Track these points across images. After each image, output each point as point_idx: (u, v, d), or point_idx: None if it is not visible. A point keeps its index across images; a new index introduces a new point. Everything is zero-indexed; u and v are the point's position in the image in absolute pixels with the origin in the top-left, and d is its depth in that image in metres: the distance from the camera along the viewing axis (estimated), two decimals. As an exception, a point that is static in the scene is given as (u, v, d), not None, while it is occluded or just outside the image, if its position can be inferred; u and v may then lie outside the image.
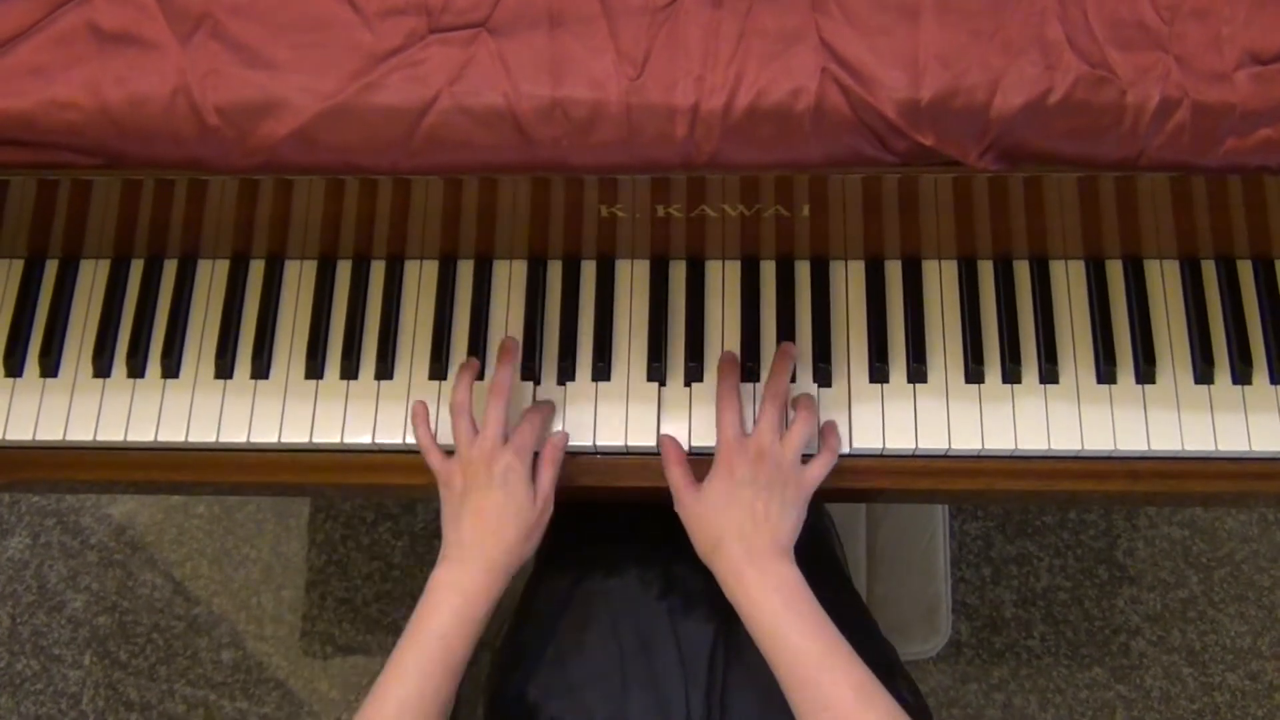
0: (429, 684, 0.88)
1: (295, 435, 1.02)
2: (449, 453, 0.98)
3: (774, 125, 0.81)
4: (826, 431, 0.99)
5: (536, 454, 0.98)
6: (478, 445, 0.95)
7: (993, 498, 1.04)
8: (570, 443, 1.01)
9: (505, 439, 0.95)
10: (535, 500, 0.95)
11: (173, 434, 1.03)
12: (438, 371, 1.03)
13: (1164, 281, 1.04)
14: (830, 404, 1.01)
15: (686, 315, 1.04)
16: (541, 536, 0.97)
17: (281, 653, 1.82)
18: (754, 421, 0.96)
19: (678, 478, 0.96)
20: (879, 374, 1.02)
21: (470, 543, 0.93)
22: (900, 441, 1.00)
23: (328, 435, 1.02)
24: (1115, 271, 1.04)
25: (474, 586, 0.91)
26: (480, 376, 1.03)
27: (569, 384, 1.03)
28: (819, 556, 1.18)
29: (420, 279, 1.07)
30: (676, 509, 0.96)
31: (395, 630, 1.82)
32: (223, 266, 1.08)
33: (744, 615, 0.89)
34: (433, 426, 1.00)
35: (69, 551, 1.89)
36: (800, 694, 0.85)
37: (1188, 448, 0.99)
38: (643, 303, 1.05)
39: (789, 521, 0.92)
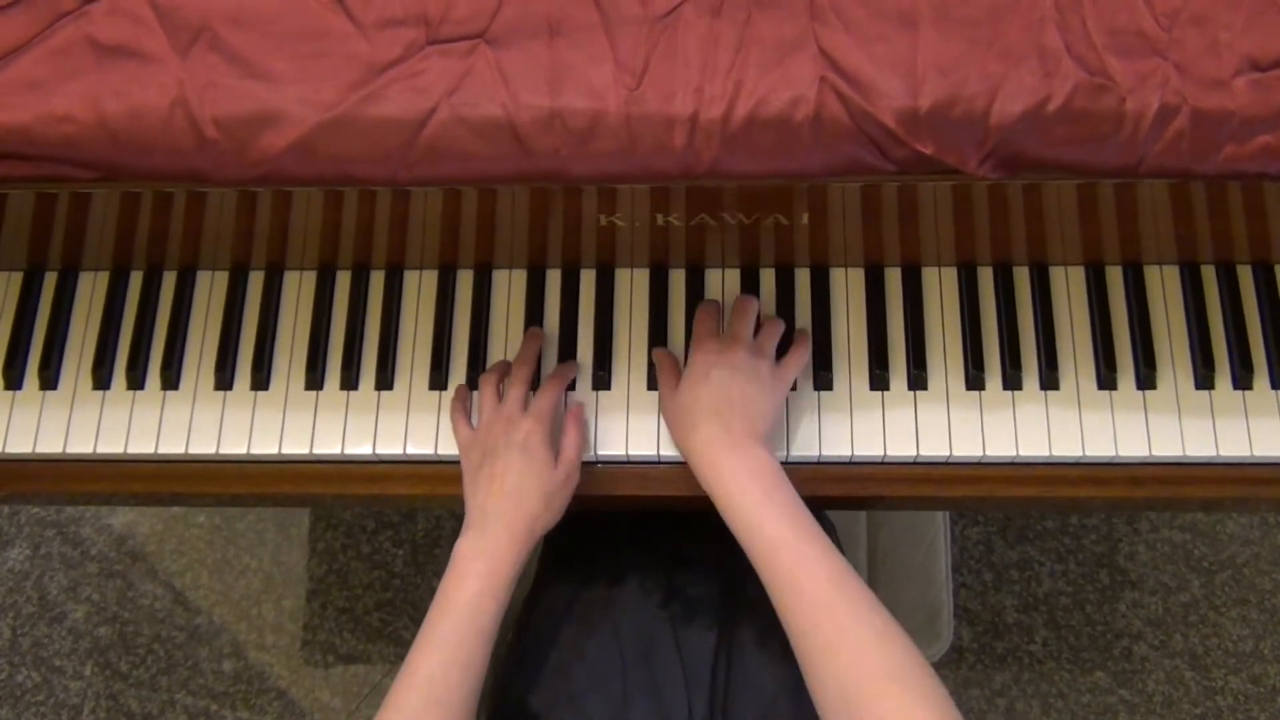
0: (459, 654, 0.87)
1: (295, 446, 1.02)
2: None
3: (773, 134, 0.81)
4: (798, 335, 1.02)
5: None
6: (498, 411, 0.96)
7: (994, 504, 1.04)
8: (571, 452, 1.01)
9: (526, 408, 0.96)
10: (557, 464, 0.95)
11: (173, 446, 1.03)
12: (438, 381, 1.03)
13: (1164, 287, 1.04)
14: (831, 411, 1.01)
15: (686, 324, 1.04)
16: (566, 503, 0.97)
17: (283, 662, 1.82)
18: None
19: (666, 380, 0.99)
20: (879, 381, 1.02)
21: (491, 509, 0.92)
22: (901, 449, 1.00)
23: (328, 446, 1.02)
24: (1115, 277, 1.04)
25: (498, 552, 0.91)
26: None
27: (569, 393, 1.03)
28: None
29: (420, 289, 1.07)
30: (661, 408, 0.98)
31: (396, 639, 1.82)
32: (222, 278, 1.08)
33: (718, 501, 0.89)
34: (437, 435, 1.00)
35: (69, 562, 1.88)
36: (777, 583, 0.84)
37: (1189, 453, 0.99)
38: (643, 311, 1.05)
39: (765, 407, 0.93)
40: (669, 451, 1.01)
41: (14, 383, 1.05)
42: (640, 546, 1.10)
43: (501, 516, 0.92)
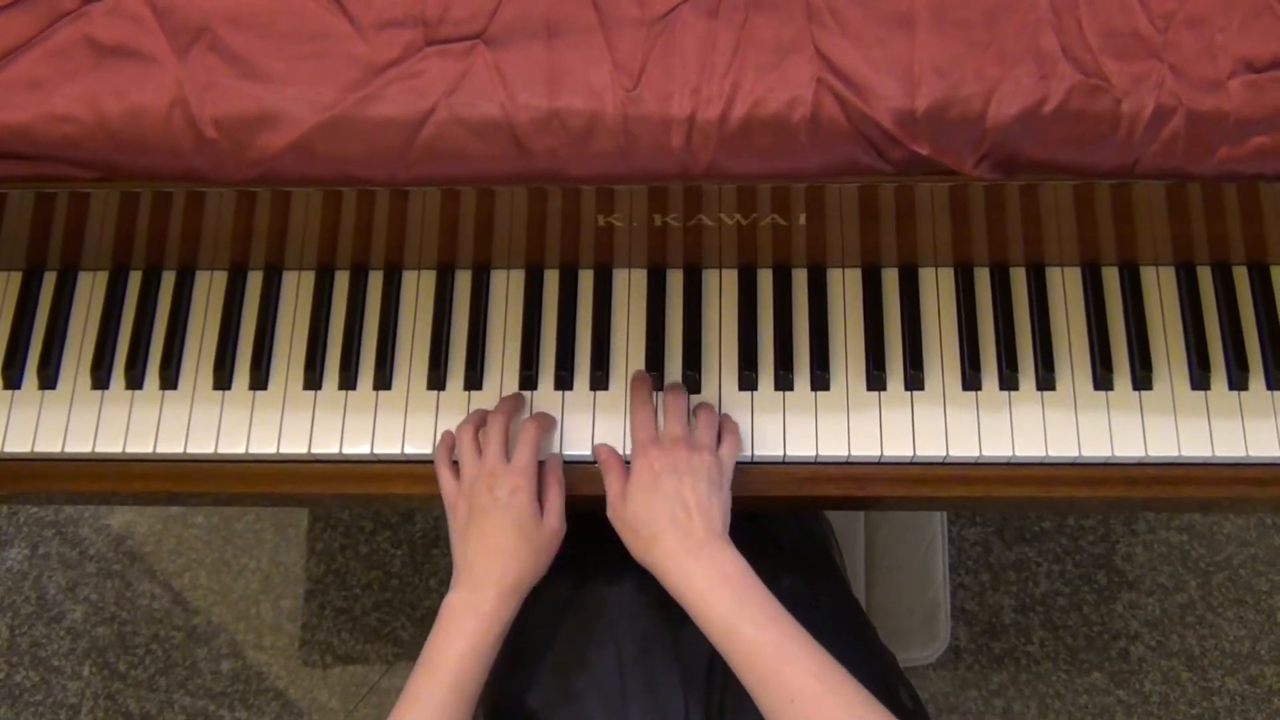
0: (445, 710, 0.87)
1: (294, 446, 1.02)
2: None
3: (770, 135, 0.81)
4: (726, 423, 1.00)
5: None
6: (478, 466, 0.95)
7: (991, 504, 1.04)
8: (569, 452, 1.02)
9: (507, 459, 0.96)
10: (543, 519, 0.95)
11: (171, 445, 1.03)
12: (436, 381, 1.04)
13: (1160, 288, 1.04)
14: (828, 411, 1.01)
15: (684, 324, 1.04)
16: (554, 555, 0.96)
17: (281, 663, 1.82)
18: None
19: (613, 485, 0.96)
20: (876, 381, 1.02)
21: (479, 566, 0.92)
22: (898, 449, 1.00)
23: (326, 446, 1.02)
24: (1111, 278, 1.04)
25: (487, 609, 0.91)
26: (479, 385, 1.04)
27: (566, 393, 1.03)
28: (818, 563, 1.18)
29: (418, 289, 1.07)
30: (609, 515, 0.95)
31: (395, 639, 1.82)
32: (221, 278, 1.08)
33: (692, 610, 0.88)
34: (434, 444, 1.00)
35: (68, 562, 1.88)
36: (762, 686, 0.84)
37: (1185, 453, 0.99)
38: (640, 312, 1.05)
39: (717, 504, 0.92)
40: (666, 451, 1.01)
41: (13, 382, 1.05)
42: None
43: (490, 574, 0.92)
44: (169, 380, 1.05)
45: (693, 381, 1.02)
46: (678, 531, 0.90)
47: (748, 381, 1.02)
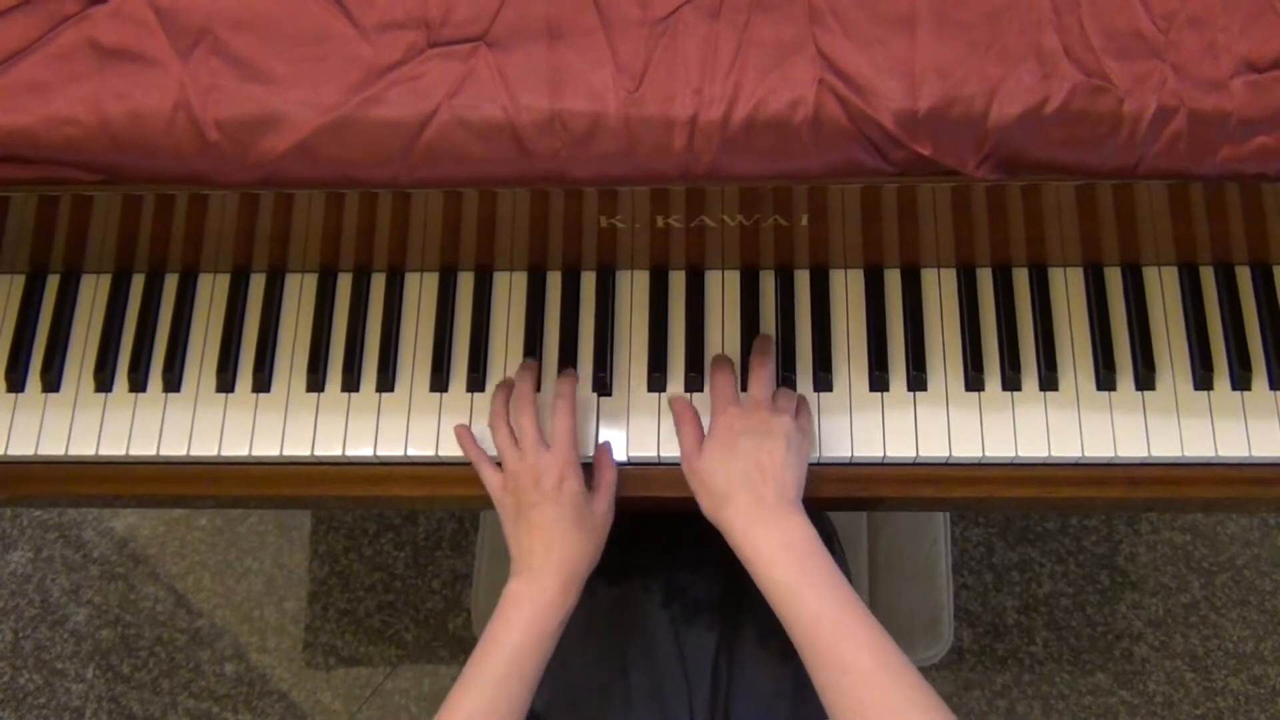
0: (500, 697, 0.87)
1: (297, 448, 1.02)
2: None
3: (772, 136, 0.81)
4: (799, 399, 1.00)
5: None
6: (520, 460, 0.95)
7: (994, 505, 1.04)
8: (572, 453, 1.02)
9: (545, 445, 0.95)
10: (595, 499, 0.95)
11: (175, 448, 1.03)
12: (439, 383, 1.04)
13: (1163, 288, 1.04)
14: (830, 412, 1.01)
15: (687, 325, 1.04)
16: (606, 536, 0.96)
17: (284, 665, 1.82)
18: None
19: (688, 438, 0.95)
20: (879, 382, 1.02)
21: (538, 561, 0.92)
22: (901, 449, 1.00)
23: (329, 448, 1.02)
24: (1114, 278, 1.04)
25: (545, 598, 0.90)
26: (481, 387, 1.04)
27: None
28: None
29: (421, 291, 1.07)
30: (684, 469, 0.95)
31: (398, 641, 1.82)
32: (224, 280, 1.08)
33: (755, 574, 0.88)
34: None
35: (71, 565, 1.89)
36: (817, 656, 0.83)
37: (1188, 454, 0.99)
38: (643, 313, 1.05)
39: (793, 471, 0.92)
40: (669, 453, 1.01)
41: (16, 385, 1.05)
42: (641, 548, 1.10)
43: (547, 566, 0.92)
44: (172, 383, 1.05)
45: (695, 382, 1.02)
46: (750, 494, 0.89)
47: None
